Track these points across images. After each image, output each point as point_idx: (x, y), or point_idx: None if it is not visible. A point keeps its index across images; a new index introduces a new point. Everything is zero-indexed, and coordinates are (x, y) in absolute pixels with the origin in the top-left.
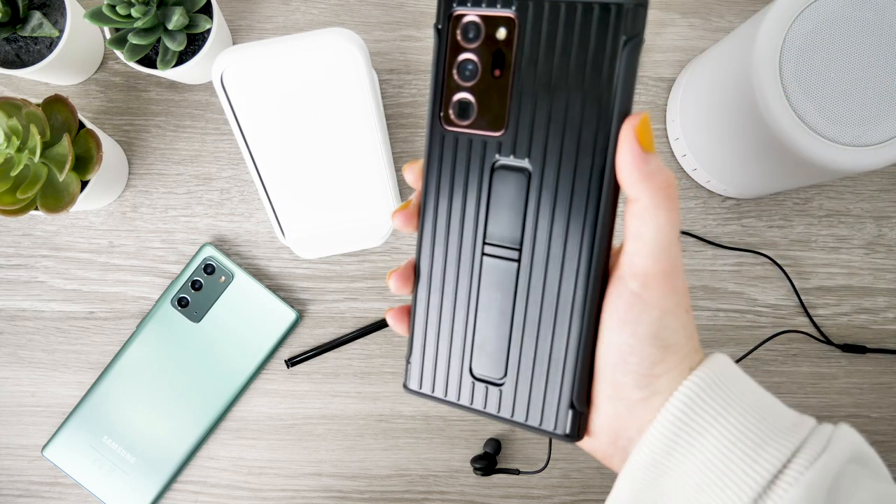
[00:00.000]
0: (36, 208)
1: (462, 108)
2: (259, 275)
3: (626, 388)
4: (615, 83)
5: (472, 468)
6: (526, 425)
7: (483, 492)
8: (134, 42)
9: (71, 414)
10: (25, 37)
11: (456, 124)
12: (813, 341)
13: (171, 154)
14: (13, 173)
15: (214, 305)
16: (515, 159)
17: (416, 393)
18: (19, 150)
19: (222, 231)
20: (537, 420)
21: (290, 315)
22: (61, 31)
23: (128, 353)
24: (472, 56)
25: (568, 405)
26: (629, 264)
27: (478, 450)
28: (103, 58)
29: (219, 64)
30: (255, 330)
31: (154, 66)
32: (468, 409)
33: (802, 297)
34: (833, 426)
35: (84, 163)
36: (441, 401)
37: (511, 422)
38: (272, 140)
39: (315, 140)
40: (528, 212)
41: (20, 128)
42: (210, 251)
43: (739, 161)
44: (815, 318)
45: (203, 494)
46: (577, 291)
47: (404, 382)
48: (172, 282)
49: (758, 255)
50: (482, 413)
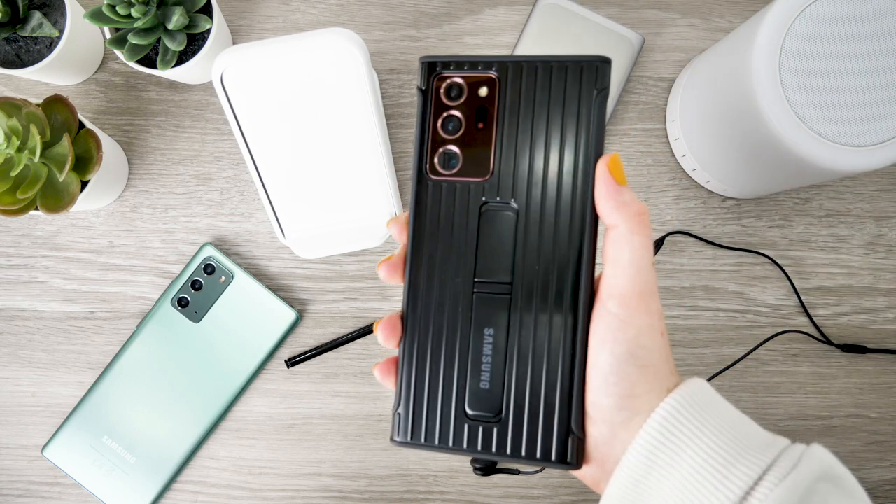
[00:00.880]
0: (36, 208)
1: (447, 158)
2: (259, 275)
3: (608, 411)
4: (590, 129)
5: (472, 468)
6: (525, 459)
7: (483, 492)
8: (134, 42)
9: (71, 414)
10: (25, 37)
11: (441, 174)
12: (813, 341)
13: (171, 154)
14: (13, 173)
15: (214, 305)
16: (502, 200)
17: (407, 444)
18: (19, 150)
19: (222, 231)
20: (537, 452)
21: (290, 315)
22: (61, 31)
23: (128, 353)
24: (456, 112)
25: (567, 433)
26: (607, 287)
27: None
28: (103, 58)
29: (219, 64)
30: (255, 330)
31: (154, 66)
32: (463, 452)
33: (802, 297)
34: (805, 446)
35: (84, 163)
36: (436, 448)
37: (509, 457)
38: (272, 140)
39: (315, 140)
40: (518, 247)
41: (20, 128)
42: (210, 251)
43: (739, 161)
44: (815, 318)
45: (203, 494)
46: (569, 319)
47: (391, 436)
48: (172, 282)
49: (758, 255)
50: (479, 454)
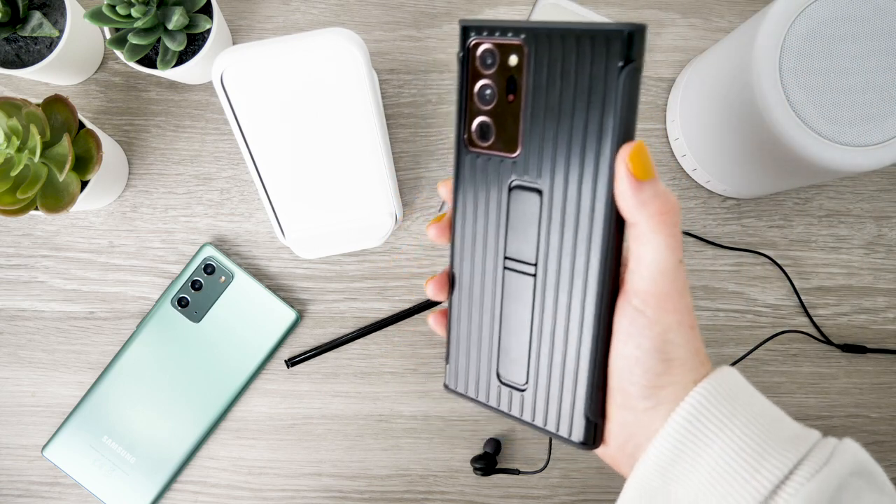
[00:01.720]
0: (36, 208)
1: (483, 130)
2: (259, 275)
3: (632, 398)
4: (614, 108)
5: (472, 468)
6: (546, 430)
7: (483, 492)
8: (134, 42)
9: (71, 414)
10: (25, 37)
11: (478, 146)
12: (813, 341)
13: (171, 154)
14: (13, 173)
15: (214, 305)
16: (529, 180)
17: (454, 392)
18: (19, 150)
19: (222, 231)
20: (555, 426)
21: (290, 315)
22: (61, 31)
23: (128, 353)
24: (489, 82)
25: (582, 415)
26: (631, 282)
27: (478, 450)
28: (103, 58)
29: (219, 64)
30: (255, 330)
31: (154, 66)
32: (497, 410)
33: (802, 297)
34: (837, 440)
35: (84, 163)
36: (475, 401)
37: (533, 426)
38: (272, 140)
39: (315, 140)
40: (542, 230)
41: (20, 128)
42: (210, 251)
43: (739, 161)
44: (815, 318)
45: (203, 494)
46: (587, 307)
47: (444, 382)
48: (172, 282)
49: (758, 255)
50: (509, 416)
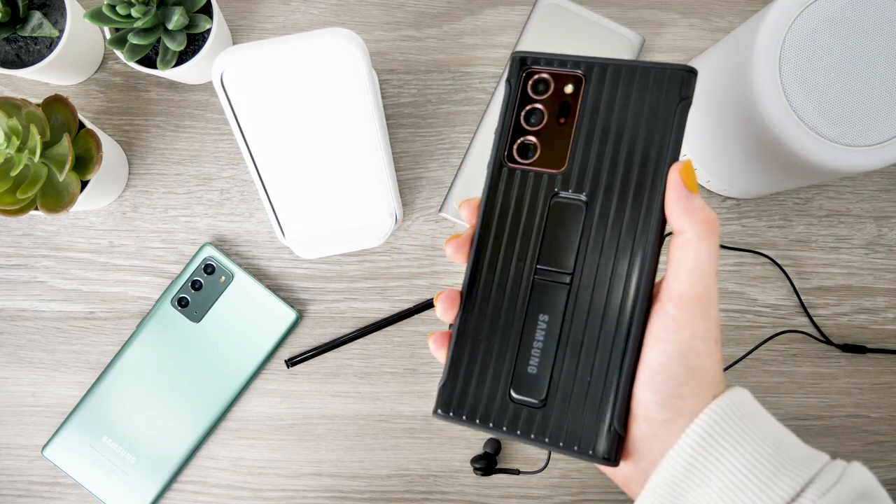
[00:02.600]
0: (36, 208)
1: (526, 148)
2: (259, 275)
3: (651, 408)
4: (669, 135)
5: (472, 468)
6: (561, 449)
7: (483, 492)
8: (134, 42)
9: (71, 414)
10: (25, 37)
11: (519, 162)
12: (813, 341)
13: (171, 154)
14: (13, 173)
15: (214, 305)
16: (574, 193)
17: (447, 418)
18: (19, 150)
19: (222, 231)
20: (575, 443)
21: (290, 315)
22: (61, 31)
23: (128, 353)
24: (539, 106)
25: (608, 428)
26: (668, 289)
27: (478, 450)
28: (103, 58)
29: (219, 64)
30: (255, 330)
31: (154, 66)
32: (501, 434)
33: (802, 297)
34: (846, 462)
35: (84, 163)
36: (473, 425)
37: (546, 445)
38: (272, 140)
39: (315, 140)
40: (583, 239)
41: (20, 128)
42: (210, 251)
43: (739, 161)
44: (815, 318)
45: (203, 494)
46: (624, 314)
47: (435, 408)
48: (172, 282)
49: (758, 255)
50: (516, 437)
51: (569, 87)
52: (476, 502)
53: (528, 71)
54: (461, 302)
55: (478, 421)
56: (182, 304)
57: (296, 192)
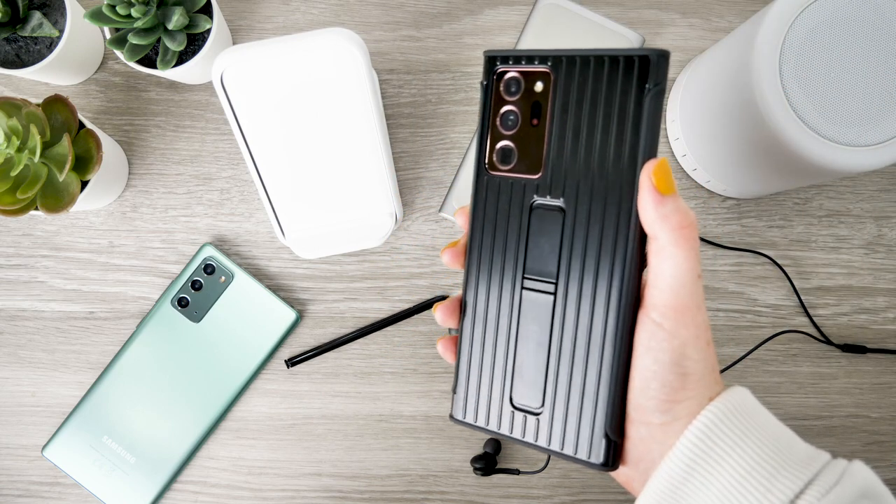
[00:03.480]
0: (36, 208)
1: (504, 154)
2: (259, 275)
3: (648, 413)
4: (639, 129)
5: (472, 468)
6: (562, 454)
7: (483, 492)
8: (134, 42)
9: (71, 414)
10: (25, 37)
11: (499, 169)
12: (813, 341)
13: (171, 154)
14: (13, 173)
15: (214, 305)
16: (551, 199)
17: (461, 422)
18: (19, 150)
19: (222, 231)
20: (572, 449)
21: (290, 315)
22: (61, 31)
23: (128, 353)
24: (513, 108)
25: (602, 434)
26: (650, 296)
27: (478, 450)
28: (103, 58)
29: (219, 64)
30: (255, 330)
31: (154, 66)
32: (509, 438)
33: (802, 297)
34: (847, 461)
35: (84, 163)
36: (484, 430)
37: (548, 450)
38: (272, 140)
39: (315, 140)
40: (563, 247)
41: (20, 128)
42: (210, 251)
43: (739, 161)
44: (815, 318)
45: (203, 494)
46: (609, 323)
47: (450, 413)
48: (172, 282)
49: (758, 255)
50: (521, 442)
51: (538, 86)
52: (476, 502)
53: (499, 71)
54: (462, 308)
55: (486, 426)
56: (182, 304)
57: (296, 192)
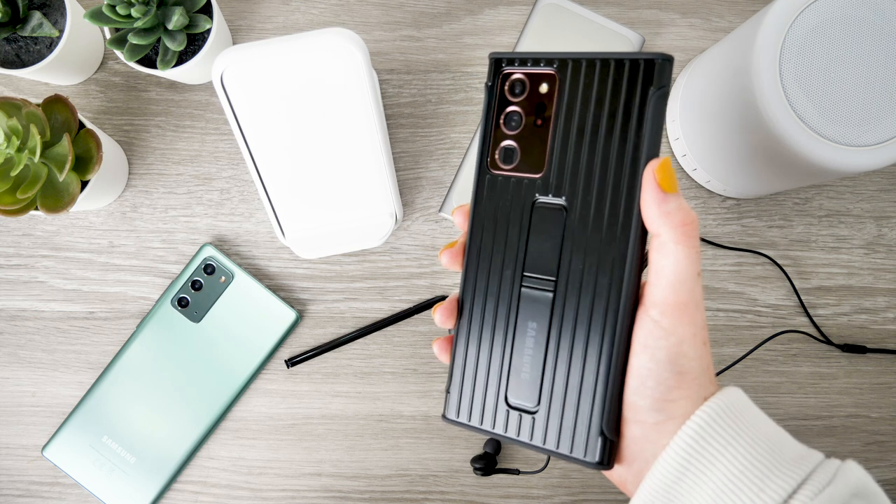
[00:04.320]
0: (36, 208)
1: (507, 154)
2: (259, 275)
3: (642, 412)
4: (643, 130)
5: (472, 468)
6: (557, 453)
7: (483, 492)
8: (134, 42)
9: (71, 414)
10: (25, 37)
11: (501, 168)
12: (813, 341)
13: (171, 154)
14: (13, 173)
15: (214, 305)
16: (553, 198)
17: (454, 422)
18: (19, 150)
19: (222, 231)
20: (568, 448)
21: (290, 315)
22: (61, 31)
23: (128, 353)
24: (517, 108)
25: (598, 433)
26: (651, 294)
27: (478, 450)
28: (103, 58)
29: (219, 64)
30: (255, 330)
31: (154, 66)
32: (503, 437)
33: (802, 297)
34: (840, 461)
35: (84, 163)
36: (477, 430)
37: (543, 450)
38: (272, 140)
39: (315, 140)
40: (564, 245)
41: (20, 128)
42: (210, 251)
43: (739, 161)
44: (815, 318)
45: (203, 494)
46: (608, 320)
47: (443, 413)
48: (172, 282)
49: (758, 255)
50: (516, 441)
51: (543, 87)
52: (476, 502)
53: (505, 72)
54: (459, 309)
55: (481, 425)
56: (182, 304)
57: (296, 192)
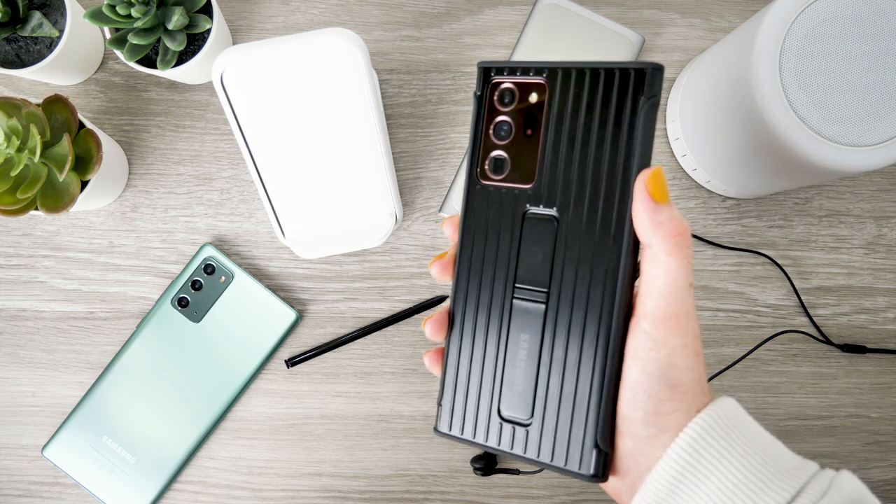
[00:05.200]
0: (36, 208)
1: (497, 164)
2: (259, 275)
3: (635, 425)
4: (634, 139)
5: (472, 468)
6: (552, 466)
7: (483, 492)
8: (134, 42)
9: (71, 414)
10: (25, 37)
11: (491, 178)
12: (813, 341)
13: (171, 154)
14: (13, 173)
15: (214, 305)
16: (544, 208)
17: (447, 436)
18: (19, 150)
19: (222, 231)
20: (562, 461)
21: (290, 315)
22: (61, 31)
23: (128, 353)
24: (506, 118)
25: (592, 445)
26: (642, 305)
27: (478, 450)
28: (103, 58)
29: (219, 64)
30: (255, 330)
31: (154, 66)
32: (496, 450)
33: (802, 297)
34: (835, 472)
35: (84, 163)
36: (470, 443)
37: (537, 462)
38: (272, 140)
39: (315, 140)
40: (556, 256)
41: (20, 128)
42: (210, 251)
43: (739, 161)
44: (815, 318)
45: (203, 494)
46: (602, 331)
47: (435, 426)
48: (172, 282)
49: (758, 255)
50: (510, 454)
51: (533, 96)
52: (476, 502)
53: (494, 82)
54: (450, 320)
55: (474, 438)
56: (182, 304)
57: (296, 192)
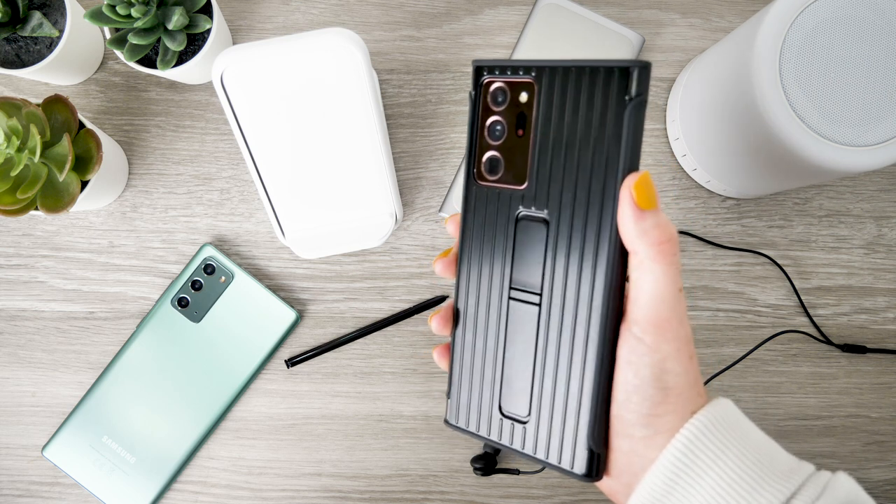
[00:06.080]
0: (36, 208)
1: (492, 164)
2: (259, 275)
3: (630, 426)
4: (620, 140)
5: (472, 468)
6: (546, 463)
7: (483, 492)
8: (134, 42)
9: (71, 414)
10: (25, 37)
11: (487, 179)
12: (813, 341)
13: (171, 154)
14: (13, 173)
15: (214, 305)
16: (536, 210)
17: (455, 427)
18: (19, 150)
19: (222, 231)
20: (556, 458)
21: (290, 315)
22: (61, 31)
23: (128, 353)
24: (499, 118)
25: (585, 445)
26: (631, 311)
27: (478, 450)
28: (103, 58)
29: (219, 64)
30: (255, 330)
31: (154, 66)
32: (499, 444)
33: (802, 297)
34: (831, 473)
35: (84, 163)
36: (476, 436)
37: (535, 459)
38: (272, 140)
39: (315, 140)
40: (547, 259)
41: (20, 128)
42: (210, 251)
43: (739, 161)
44: (815, 318)
45: (203, 494)
46: (591, 335)
47: (445, 417)
48: (172, 282)
49: (758, 255)
50: (510, 449)
51: (523, 96)
52: (476, 502)
53: (486, 81)
54: (455, 316)
55: (479, 432)
56: (182, 304)
57: (296, 192)
